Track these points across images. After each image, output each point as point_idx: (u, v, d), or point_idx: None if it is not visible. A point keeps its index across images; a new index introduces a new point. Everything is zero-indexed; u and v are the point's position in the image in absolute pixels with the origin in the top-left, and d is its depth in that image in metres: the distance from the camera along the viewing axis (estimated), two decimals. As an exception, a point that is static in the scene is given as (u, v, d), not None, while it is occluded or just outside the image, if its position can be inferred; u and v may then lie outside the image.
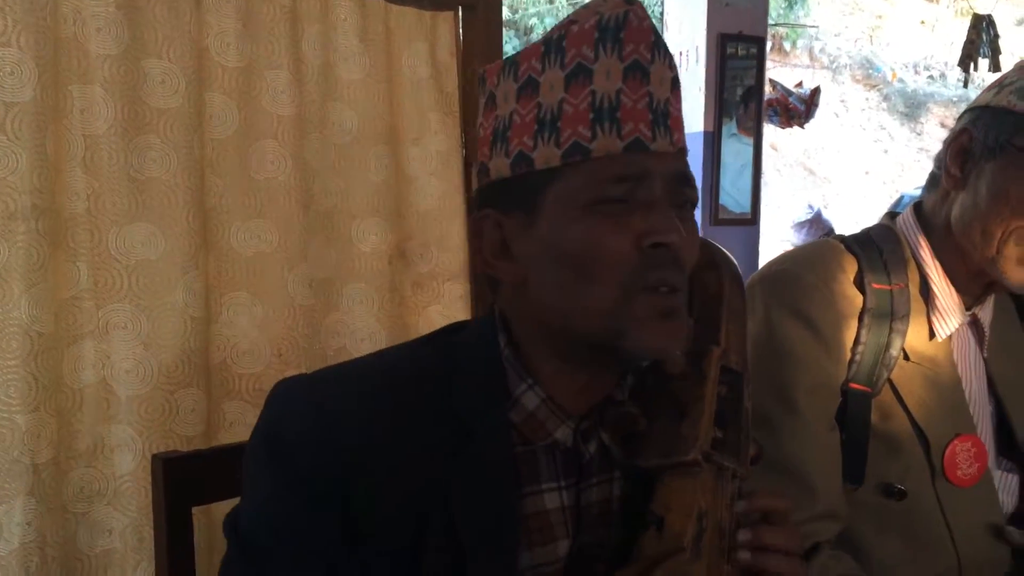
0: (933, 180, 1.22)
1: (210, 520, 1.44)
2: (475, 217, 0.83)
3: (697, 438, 0.76)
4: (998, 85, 1.16)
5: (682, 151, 0.78)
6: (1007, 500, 1.22)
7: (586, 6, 0.79)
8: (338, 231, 1.63)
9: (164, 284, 1.41)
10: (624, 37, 0.75)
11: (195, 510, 1.10)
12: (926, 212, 1.22)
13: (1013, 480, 1.24)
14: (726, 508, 0.77)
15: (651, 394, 0.82)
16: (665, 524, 0.74)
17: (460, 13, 1.76)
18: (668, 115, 0.76)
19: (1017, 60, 1.18)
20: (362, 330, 1.64)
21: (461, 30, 1.77)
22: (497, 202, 0.81)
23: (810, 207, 6.75)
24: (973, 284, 1.18)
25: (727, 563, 0.75)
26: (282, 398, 0.79)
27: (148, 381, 1.40)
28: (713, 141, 4.32)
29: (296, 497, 0.75)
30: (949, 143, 1.18)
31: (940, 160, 1.20)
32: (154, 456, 1.09)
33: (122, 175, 1.38)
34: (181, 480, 1.07)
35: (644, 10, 0.78)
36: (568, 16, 0.79)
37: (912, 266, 1.19)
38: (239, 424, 1.50)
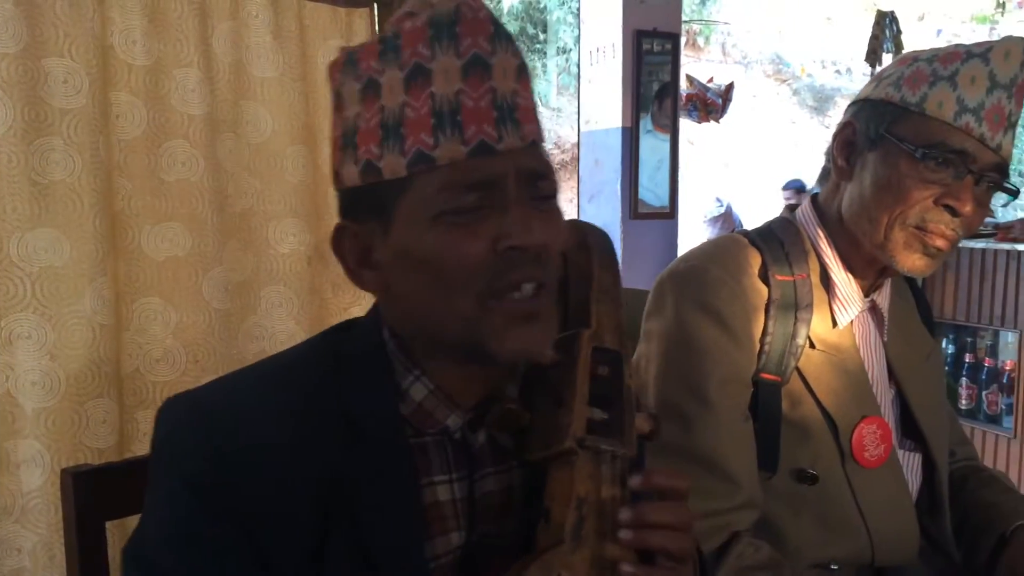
0: (825, 173, 1.27)
1: (125, 534, 1.38)
2: (335, 229, 0.80)
3: (571, 425, 0.75)
4: (878, 78, 1.20)
5: (534, 144, 0.75)
6: (912, 479, 1.28)
7: None
8: (254, 233, 1.60)
9: (70, 291, 1.36)
10: (460, 31, 0.71)
11: (109, 525, 1.06)
12: (821, 204, 1.27)
13: (916, 459, 1.29)
14: (608, 491, 0.76)
15: (532, 385, 0.82)
16: (550, 515, 0.74)
17: (376, 9, 1.74)
18: (516, 108, 0.73)
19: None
20: (282, 333, 1.62)
21: (377, 26, 1.75)
22: (352, 211, 0.78)
23: (719, 200, 6.92)
24: (868, 271, 1.23)
25: (617, 545, 0.74)
26: (168, 413, 0.78)
27: (55, 393, 1.35)
28: (631, 136, 4.38)
29: (189, 506, 0.73)
30: (836, 136, 1.22)
31: (829, 153, 1.24)
32: (63, 470, 1.05)
33: (23, 179, 1.32)
34: (93, 494, 1.03)
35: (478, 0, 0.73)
36: (404, 7, 0.75)
37: (812, 257, 1.23)
38: (155, 433, 1.46)
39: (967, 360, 3.08)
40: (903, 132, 1.13)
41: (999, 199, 1.18)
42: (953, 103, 1.09)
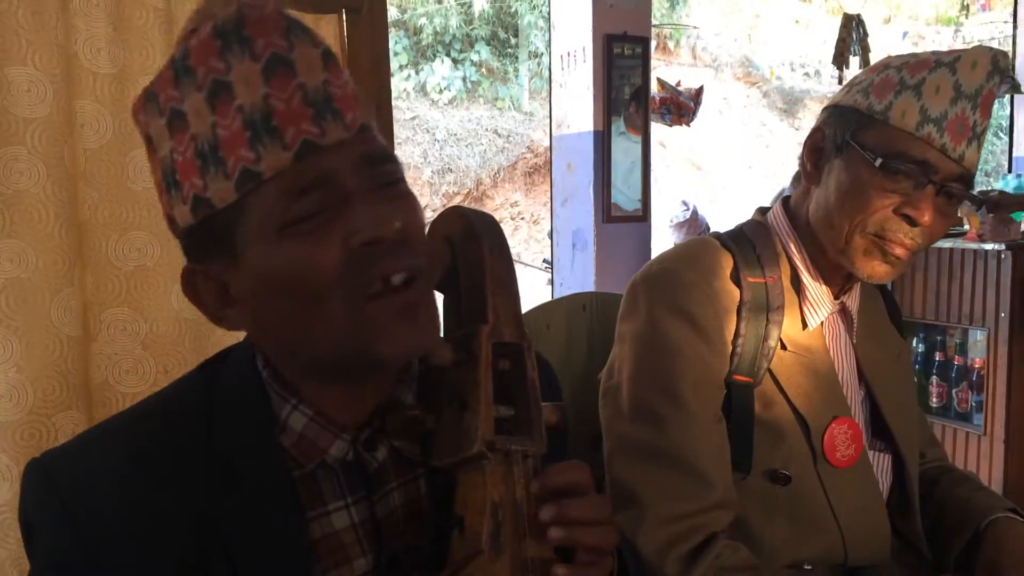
0: (798, 176, 1.28)
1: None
2: (183, 273, 0.75)
3: (478, 428, 0.72)
4: (850, 84, 1.22)
5: (363, 128, 0.70)
6: (882, 479, 1.29)
7: (198, 10, 0.70)
8: (224, 241, 1.58)
9: (36, 303, 1.34)
10: (249, 34, 0.66)
11: (78, 539, 1.05)
12: (792, 207, 1.28)
13: (886, 460, 1.31)
14: (523, 492, 0.74)
15: (434, 388, 0.79)
16: (465, 524, 0.72)
17: (344, 16, 1.73)
18: (331, 98, 0.68)
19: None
20: (253, 342, 1.60)
21: (346, 33, 1.74)
22: (196, 253, 0.74)
23: (685, 204, 6.91)
24: (836, 274, 1.23)
25: (536, 545, 0.72)
26: (26, 479, 0.74)
27: (23, 406, 1.33)
28: (603, 140, 4.39)
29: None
30: (806, 140, 1.24)
31: (800, 157, 1.25)
32: (31, 485, 1.03)
33: (-14, 189, 1.30)
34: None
35: None
36: (186, 26, 0.71)
37: (783, 259, 1.24)
38: (125, 445, 1.45)
39: (937, 358, 3.12)
40: (866, 140, 1.14)
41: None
42: (916, 113, 1.10)
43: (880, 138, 1.13)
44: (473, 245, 0.79)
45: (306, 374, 0.76)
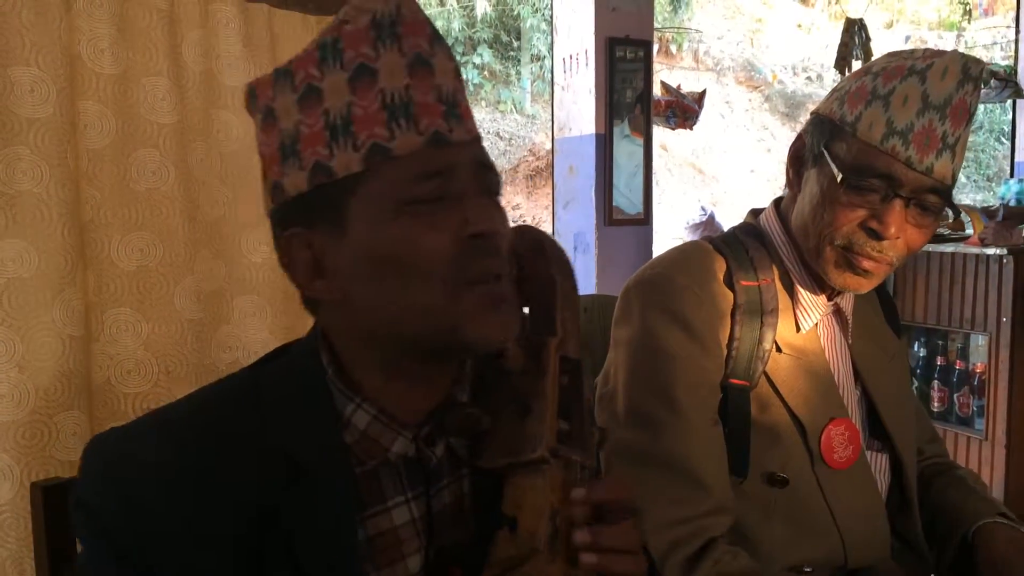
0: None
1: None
2: (281, 239, 0.78)
3: (543, 434, 0.74)
4: (832, 91, 1.21)
5: (477, 139, 0.78)
6: (880, 479, 1.29)
7: (354, 5, 0.76)
8: (226, 242, 1.59)
9: (38, 303, 1.34)
10: (401, 32, 0.74)
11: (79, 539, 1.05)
12: (783, 211, 1.28)
13: (884, 460, 1.31)
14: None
15: (492, 391, 0.81)
16: (518, 525, 0.72)
17: (346, 18, 1.74)
18: (458, 104, 0.76)
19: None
20: (255, 343, 1.61)
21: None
22: (300, 219, 0.77)
23: (703, 209, 6.96)
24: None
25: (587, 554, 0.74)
26: (87, 458, 0.76)
27: (24, 405, 1.33)
28: (605, 143, 4.40)
29: (106, 556, 0.72)
30: (790, 148, 1.24)
31: (785, 164, 1.26)
32: (33, 484, 1.04)
33: (-11, 189, 1.31)
34: (63, 508, 1.02)
35: (416, 2, 0.76)
36: (338, 16, 0.77)
37: (775, 262, 1.24)
38: (126, 445, 1.45)
39: (938, 363, 3.11)
40: (836, 151, 1.13)
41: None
42: (882, 125, 1.10)
43: (848, 150, 1.12)
44: (543, 261, 0.83)
45: (377, 365, 0.78)
